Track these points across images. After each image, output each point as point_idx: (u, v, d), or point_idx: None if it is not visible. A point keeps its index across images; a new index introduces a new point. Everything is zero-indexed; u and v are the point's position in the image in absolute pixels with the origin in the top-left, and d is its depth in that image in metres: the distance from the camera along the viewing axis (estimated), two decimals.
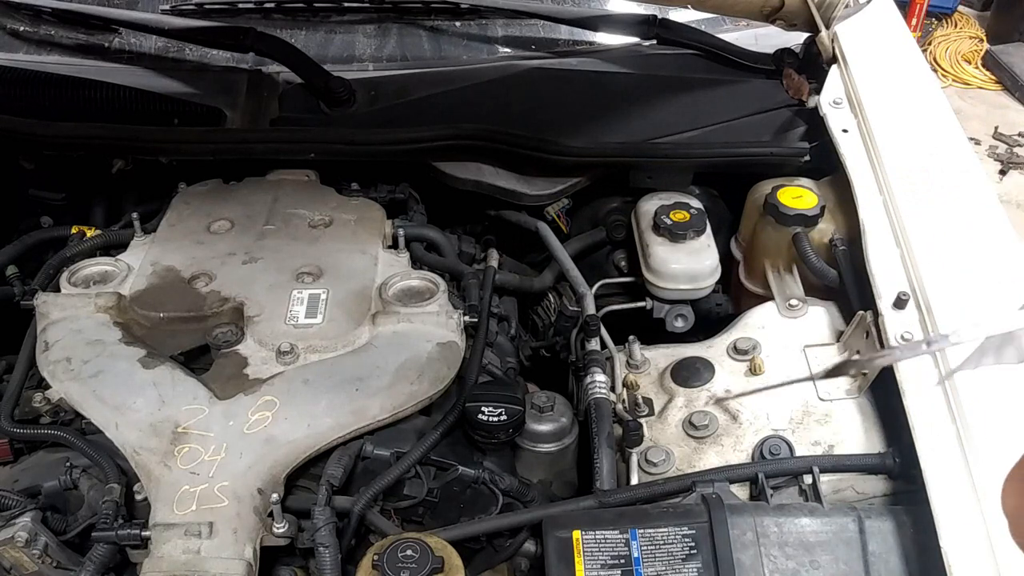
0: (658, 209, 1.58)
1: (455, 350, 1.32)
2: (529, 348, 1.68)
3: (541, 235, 1.66)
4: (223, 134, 1.67)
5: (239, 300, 1.35)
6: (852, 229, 1.45)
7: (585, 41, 1.96)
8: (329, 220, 1.53)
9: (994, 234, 1.37)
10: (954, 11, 5.66)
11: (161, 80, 1.76)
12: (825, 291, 1.48)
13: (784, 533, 1.07)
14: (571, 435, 1.34)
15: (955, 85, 5.22)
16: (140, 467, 1.13)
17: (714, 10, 1.89)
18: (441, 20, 1.95)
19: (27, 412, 1.25)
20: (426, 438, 1.21)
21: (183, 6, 1.90)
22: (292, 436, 1.17)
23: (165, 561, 1.02)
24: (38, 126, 1.60)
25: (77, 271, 1.41)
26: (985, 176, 1.49)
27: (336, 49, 1.89)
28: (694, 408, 1.33)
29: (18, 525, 1.08)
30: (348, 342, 1.29)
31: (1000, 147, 4.67)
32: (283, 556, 1.14)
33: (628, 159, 1.69)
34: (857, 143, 1.52)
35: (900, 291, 1.27)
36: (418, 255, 1.52)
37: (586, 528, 1.09)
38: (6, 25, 1.88)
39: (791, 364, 1.37)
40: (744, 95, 1.76)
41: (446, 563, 1.03)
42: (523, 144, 1.62)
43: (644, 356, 1.44)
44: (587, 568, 1.06)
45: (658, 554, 1.06)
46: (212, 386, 1.22)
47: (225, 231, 1.50)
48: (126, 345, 1.28)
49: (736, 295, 1.68)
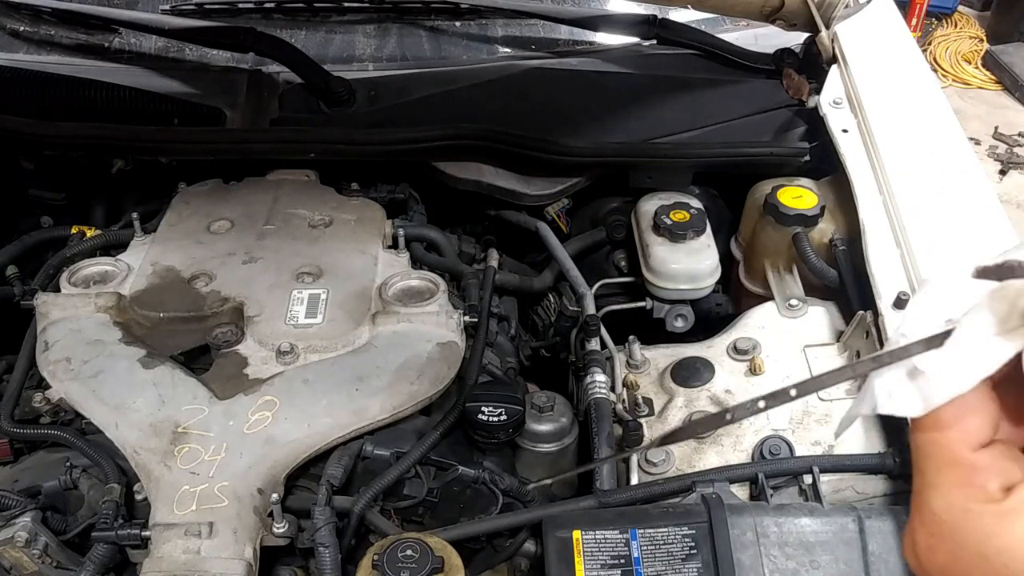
0: (658, 209, 1.58)
1: (455, 350, 1.32)
2: (529, 348, 1.68)
3: (541, 235, 1.66)
4: (223, 134, 1.67)
5: (239, 300, 1.35)
6: (852, 229, 1.45)
7: (585, 41, 1.96)
8: (329, 220, 1.53)
9: (994, 234, 1.37)
10: (954, 11, 5.67)
11: (161, 80, 1.76)
12: (825, 291, 1.48)
13: (784, 533, 1.07)
14: (571, 435, 1.34)
15: (955, 85, 5.22)
16: (140, 467, 1.13)
17: (714, 10, 1.89)
18: (441, 20, 1.95)
19: (27, 412, 1.25)
20: (426, 438, 1.21)
21: (183, 6, 1.90)
22: (292, 436, 1.17)
23: (165, 561, 1.02)
24: (38, 126, 1.60)
25: (77, 271, 1.41)
26: (985, 176, 1.49)
27: (336, 49, 1.89)
28: (694, 408, 1.33)
29: (18, 525, 1.08)
30: (348, 342, 1.29)
31: (1000, 147, 4.67)
32: (283, 556, 1.14)
33: (628, 159, 1.68)
34: (857, 143, 1.52)
35: (900, 291, 1.27)
36: (418, 255, 1.52)
37: (586, 528, 1.09)
38: (6, 25, 1.88)
39: (791, 364, 1.37)
40: (744, 95, 1.76)
41: (446, 563, 1.03)
42: (523, 144, 1.62)
43: (644, 356, 1.44)
44: (587, 568, 1.05)
45: (658, 554, 1.06)
46: (212, 386, 1.22)
47: (225, 231, 1.50)
48: (126, 345, 1.28)
49: (736, 295, 1.68)
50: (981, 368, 0.46)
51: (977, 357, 0.46)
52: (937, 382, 0.46)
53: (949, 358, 0.46)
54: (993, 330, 0.46)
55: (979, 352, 0.46)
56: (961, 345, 0.46)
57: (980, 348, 0.46)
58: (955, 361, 0.46)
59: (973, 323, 0.46)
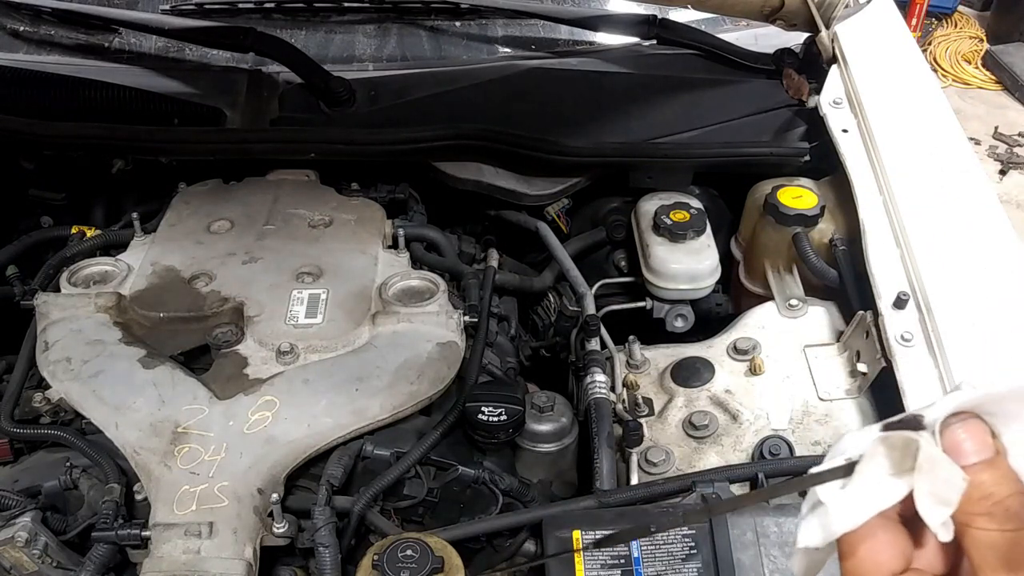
0: (658, 209, 1.58)
1: (455, 350, 1.32)
2: (529, 348, 1.68)
3: (541, 235, 1.66)
4: (223, 134, 1.67)
5: (239, 300, 1.35)
6: (852, 229, 1.45)
7: (585, 41, 1.96)
8: (329, 220, 1.53)
9: (994, 234, 1.37)
10: (954, 11, 5.67)
11: (161, 80, 1.76)
12: (825, 291, 1.48)
13: (784, 533, 1.07)
14: (571, 435, 1.34)
15: (955, 85, 5.22)
16: (140, 467, 1.13)
17: (714, 10, 1.89)
18: (441, 20, 1.95)
19: (27, 412, 1.25)
20: (426, 438, 1.21)
21: (183, 6, 1.90)
22: (292, 436, 1.17)
23: (165, 561, 1.02)
24: (38, 126, 1.60)
25: (77, 271, 1.41)
26: (985, 176, 1.49)
27: (336, 49, 1.89)
28: (694, 408, 1.33)
29: (18, 525, 1.08)
30: (348, 342, 1.29)
31: (1000, 147, 4.67)
32: (283, 556, 1.14)
33: (628, 159, 1.68)
34: (857, 143, 1.52)
35: (900, 291, 1.27)
36: (418, 255, 1.52)
37: (586, 528, 1.09)
38: (6, 25, 1.88)
39: (791, 364, 1.37)
40: (744, 95, 1.76)
41: (446, 563, 1.03)
42: (523, 144, 1.62)
43: (644, 356, 1.44)
44: (587, 568, 1.05)
45: (658, 554, 1.06)
46: (212, 386, 1.22)
47: (225, 231, 1.50)
48: (126, 345, 1.28)
49: (736, 295, 1.68)
50: (876, 503, 0.51)
51: (872, 494, 0.51)
52: (836, 515, 0.52)
53: (848, 494, 0.52)
54: (888, 471, 0.51)
55: (874, 489, 0.51)
56: (858, 482, 0.52)
57: (876, 486, 0.51)
58: (853, 497, 0.52)
59: (870, 464, 0.52)
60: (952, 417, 0.51)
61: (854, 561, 0.52)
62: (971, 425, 0.51)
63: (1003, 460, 0.51)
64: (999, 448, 0.51)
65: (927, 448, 0.50)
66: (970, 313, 1.24)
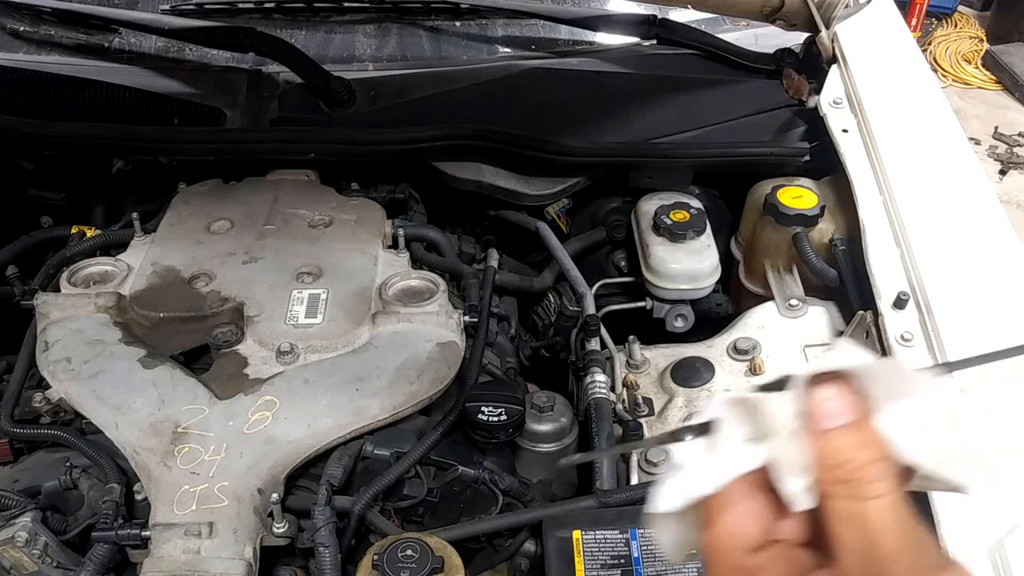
0: (658, 209, 1.58)
1: (455, 350, 1.32)
2: (529, 348, 1.68)
3: (541, 235, 1.66)
4: (223, 134, 1.67)
5: (239, 300, 1.35)
6: (852, 229, 1.45)
7: (585, 41, 1.95)
8: (329, 220, 1.52)
9: (994, 234, 1.37)
10: (954, 11, 5.67)
11: (161, 80, 1.76)
12: (825, 291, 1.48)
13: None
14: (571, 435, 1.34)
15: (955, 85, 5.22)
16: (140, 467, 1.13)
17: (714, 10, 1.89)
18: (441, 20, 1.95)
19: (27, 412, 1.25)
20: (426, 438, 1.21)
21: (183, 6, 1.90)
22: (292, 436, 1.17)
23: (165, 561, 1.02)
24: (38, 126, 1.60)
25: (77, 271, 1.41)
26: (985, 176, 1.49)
27: (336, 49, 1.89)
28: (694, 408, 1.33)
29: (18, 525, 1.08)
30: (348, 342, 1.29)
31: (1000, 147, 4.67)
32: (283, 556, 1.14)
33: (628, 159, 1.68)
34: (857, 143, 1.52)
35: (900, 291, 1.27)
36: (418, 255, 1.52)
37: (586, 528, 1.09)
38: (6, 25, 1.88)
39: (791, 364, 1.37)
40: (744, 95, 1.76)
41: (446, 563, 1.03)
42: (523, 144, 1.62)
43: (644, 356, 1.44)
44: (587, 568, 1.06)
45: (658, 554, 1.06)
46: (212, 386, 1.22)
47: (225, 231, 1.50)
48: (126, 345, 1.28)
49: (736, 295, 1.68)
50: (733, 468, 0.49)
51: (729, 458, 0.49)
52: (692, 477, 0.50)
53: (705, 458, 0.50)
54: (746, 435, 0.49)
55: (731, 453, 0.49)
56: (715, 445, 0.50)
57: (732, 449, 0.49)
58: (710, 460, 0.50)
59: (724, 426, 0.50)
60: (820, 376, 0.48)
61: (713, 531, 0.49)
62: (837, 386, 0.47)
63: (868, 424, 0.47)
64: (865, 410, 0.47)
65: (775, 409, 0.47)
66: (970, 313, 1.24)
